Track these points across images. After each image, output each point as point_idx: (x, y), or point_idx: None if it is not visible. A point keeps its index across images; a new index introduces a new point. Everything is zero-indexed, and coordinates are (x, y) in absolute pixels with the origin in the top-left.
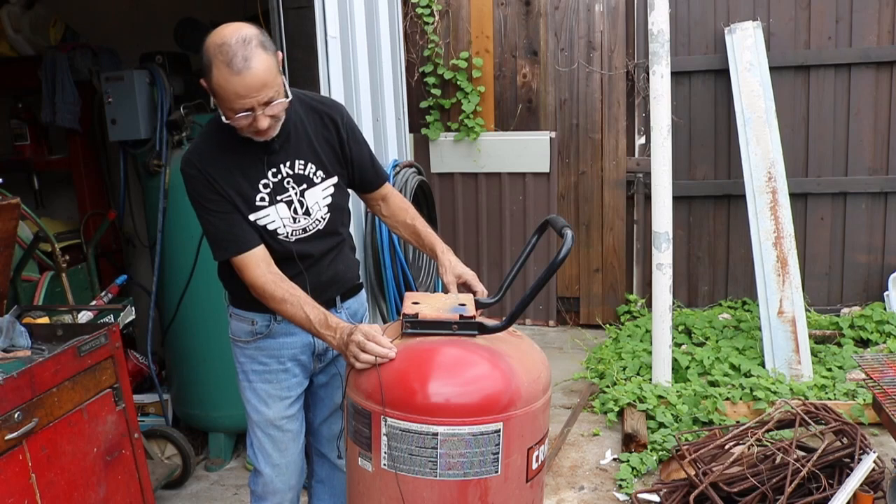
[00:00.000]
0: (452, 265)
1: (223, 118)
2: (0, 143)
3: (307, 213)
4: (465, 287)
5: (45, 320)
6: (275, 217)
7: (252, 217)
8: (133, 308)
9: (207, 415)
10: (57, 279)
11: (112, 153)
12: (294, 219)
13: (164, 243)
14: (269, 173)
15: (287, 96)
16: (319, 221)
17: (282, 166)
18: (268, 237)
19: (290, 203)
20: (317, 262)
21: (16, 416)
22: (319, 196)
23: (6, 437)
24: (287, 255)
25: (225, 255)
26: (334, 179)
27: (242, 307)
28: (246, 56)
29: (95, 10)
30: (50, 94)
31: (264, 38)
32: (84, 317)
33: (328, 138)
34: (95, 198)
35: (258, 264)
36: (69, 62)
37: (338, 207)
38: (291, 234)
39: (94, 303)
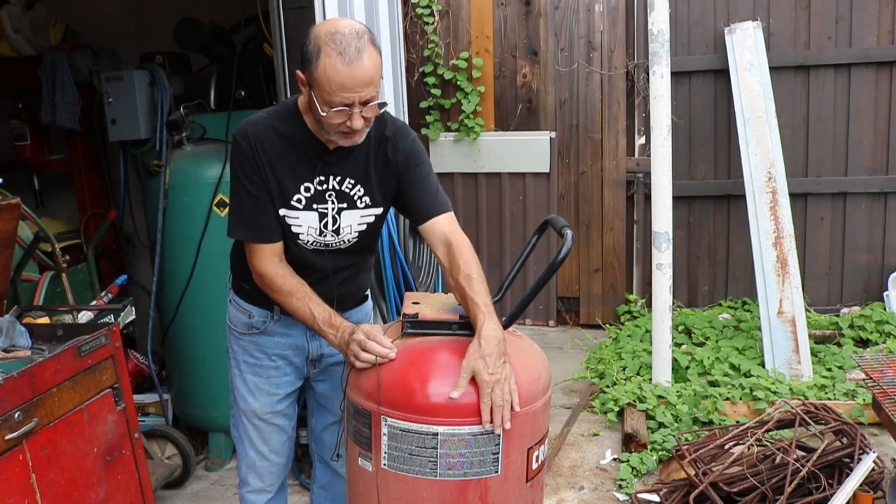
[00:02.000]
0: (469, 355)
1: (320, 110)
2: (0, 143)
3: (337, 231)
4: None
5: (45, 320)
6: (303, 223)
7: (282, 213)
8: (133, 308)
9: (207, 415)
10: (57, 279)
11: (112, 153)
12: (321, 232)
13: (164, 243)
14: (316, 180)
15: (385, 101)
16: (345, 242)
17: (331, 178)
18: (289, 237)
19: (323, 216)
20: (328, 278)
21: (16, 416)
22: (355, 220)
23: (6, 437)
24: (301, 262)
25: (240, 237)
26: (378, 210)
27: (243, 297)
28: (359, 48)
29: (95, 10)
30: (50, 94)
31: (373, 36)
32: (84, 317)
33: (387, 166)
34: (95, 198)
35: (271, 257)
36: (69, 62)
37: (369, 234)
38: (311, 244)
39: (94, 303)
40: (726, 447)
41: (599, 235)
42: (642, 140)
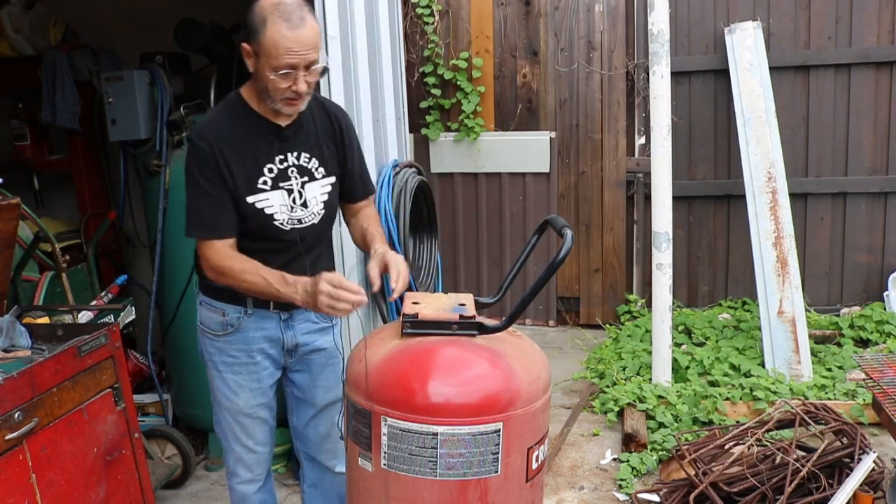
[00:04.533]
0: (378, 253)
1: (267, 77)
2: (0, 143)
3: (304, 205)
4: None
5: (45, 320)
6: (274, 202)
7: (251, 199)
8: (133, 308)
9: (207, 415)
10: (57, 279)
11: (112, 153)
12: (291, 207)
13: (164, 243)
14: (277, 159)
15: (326, 66)
16: (315, 215)
17: (289, 155)
18: (265, 221)
19: (290, 191)
20: (302, 257)
21: (16, 416)
22: (318, 191)
23: (6, 437)
24: (279, 242)
25: (195, 235)
26: (332, 179)
27: (213, 296)
28: (302, 16)
29: (95, 10)
30: (50, 94)
31: (311, 6)
32: (84, 317)
33: (333, 138)
34: (95, 198)
35: (228, 251)
36: (69, 62)
37: (331, 206)
38: (287, 223)
39: (94, 303)
40: (726, 447)
41: (599, 235)
42: (642, 140)
